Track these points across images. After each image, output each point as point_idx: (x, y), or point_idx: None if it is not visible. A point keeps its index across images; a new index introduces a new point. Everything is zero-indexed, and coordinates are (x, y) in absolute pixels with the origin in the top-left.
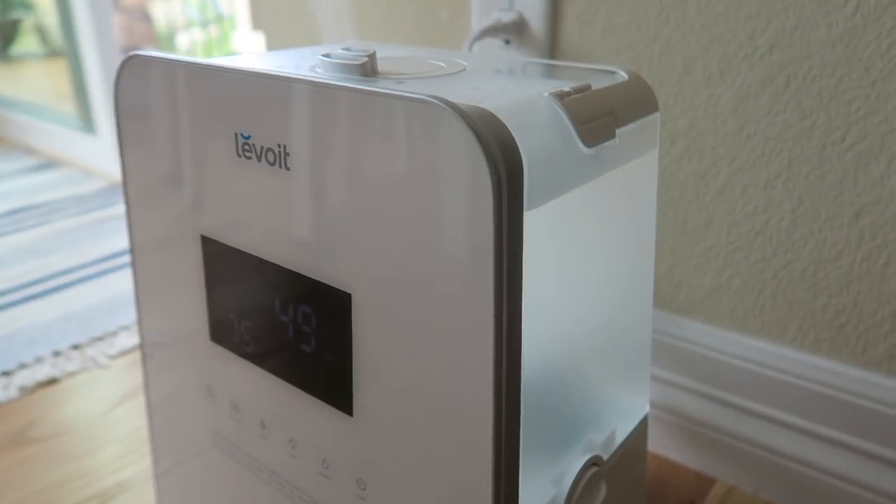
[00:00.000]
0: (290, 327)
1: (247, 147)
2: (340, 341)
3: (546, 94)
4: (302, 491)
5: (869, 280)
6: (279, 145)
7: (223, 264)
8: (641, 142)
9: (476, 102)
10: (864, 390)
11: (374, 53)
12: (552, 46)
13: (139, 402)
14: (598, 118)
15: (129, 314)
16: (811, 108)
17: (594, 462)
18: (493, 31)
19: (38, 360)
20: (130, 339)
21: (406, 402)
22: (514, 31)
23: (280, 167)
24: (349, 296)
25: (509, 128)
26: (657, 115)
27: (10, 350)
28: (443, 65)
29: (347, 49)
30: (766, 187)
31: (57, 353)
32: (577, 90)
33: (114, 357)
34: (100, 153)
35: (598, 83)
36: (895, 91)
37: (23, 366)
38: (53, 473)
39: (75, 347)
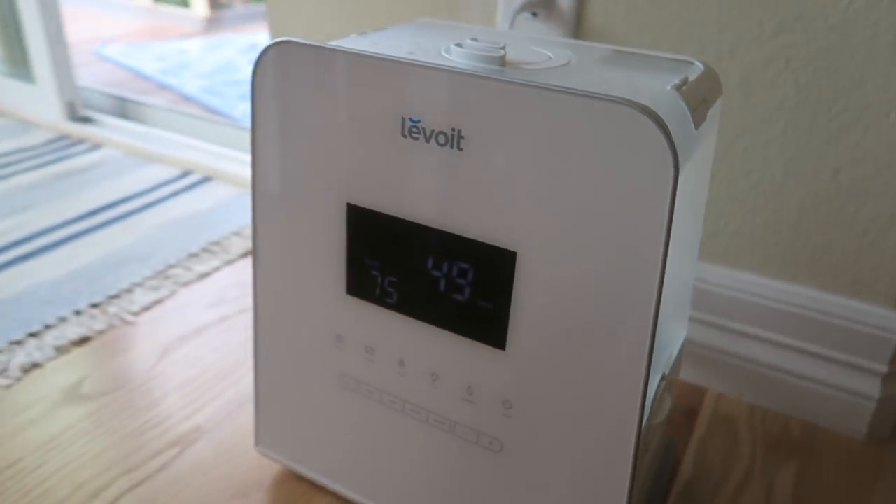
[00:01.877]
0: (444, 280)
1: (415, 129)
2: (500, 291)
3: (668, 87)
4: (440, 414)
5: (842, 224)
6: (453, 129)
7: (368, 228)
8: (715, 121)
9: (626, 95)
10: (833, 310)
11: (506, 46)
12: (577, 22)
13: (182, 354)
14: (700, 105)
15: (136, 270)
16: (806, 85)
17: (663, 377)
18: (528, 5)
19: (62, 320)
20: (146, 295)
21: (558, 339)
22: (543, 5)
23: (452, 148)
24: (514, 254)
25: (667, 122)
26: (721, 98)
27: (25, 311)
28: (549, 54)
29: (475, 39)
30: (763, 148)
31: (78, 313)
32: (684, 83)
33: (137, 314)
34: (39, 101)
35: (691, 74)
36: (873, 72)
37: (48, 326)
38: (126, 425)
39: (94, 306)
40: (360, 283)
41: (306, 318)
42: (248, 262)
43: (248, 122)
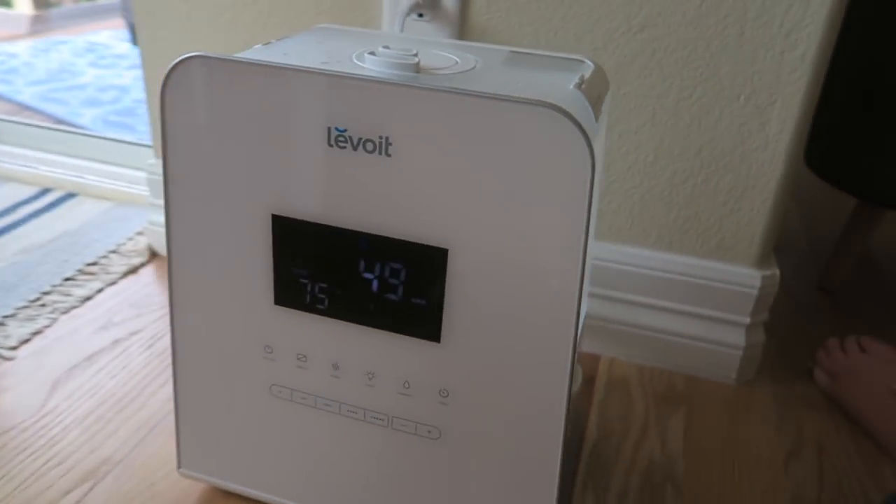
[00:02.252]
0: (376, 282)
1: (341, 139)
2: (433, 287)
3: (571, 86)
4: (377, 411)
5: (705, 196)
6: (381, 137)
7: (295, 237)
8: (606, 113)
9: (540, 97)
10: (703, 273)
11: (417, 53)
12: (461, 21)
13: (76, 385)
14: (597, 100)
15: (4, 302)
16: (670, 73)
17: (575, 351)
18: (415, 7)
19: None
20: (22, 327)
21: (491, 328)
22: (429, 6)
23: (381, 154)
24: (446, 251)
25: (578, 118)
26: (609, 93)
27: None
28: (455, 58)
29: (386, 47)
30: (635, 133)
31: None
32: (582, 81)
33: (15, 348)
34: None
35: (585, 72)
36: (725, 61)
37: None
38: (25, 468)
39: None
40: (289, 292)
41: (232, 332)
42: (134, 280)
43: (104, 131)
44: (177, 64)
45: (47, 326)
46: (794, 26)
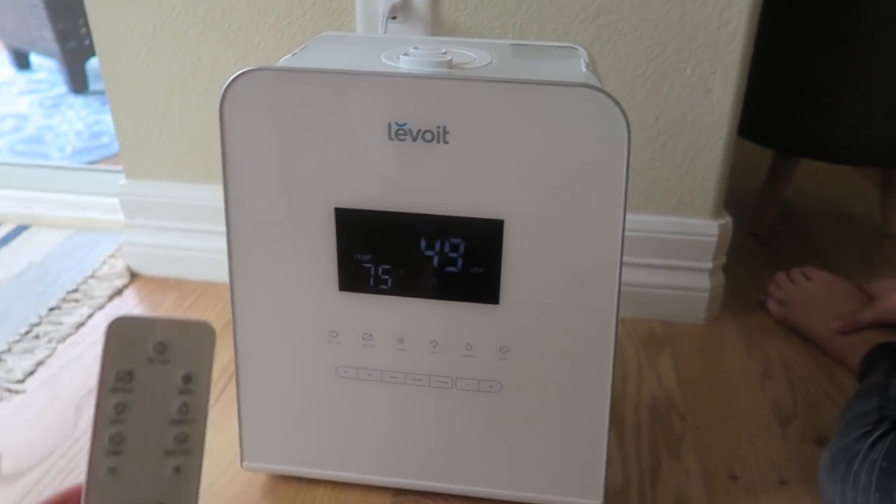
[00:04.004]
0: (437, 257)
1: (401, 132)
2: (491, 256)
3: (584, 69)
4: (442, 375)
5: (664, 159)
6: (438, 127)
7: (357, 226)
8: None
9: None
10: (668, 228)
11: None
12: (433, 20)
13: None
14: (599, 78)
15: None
16: (624, 54)
17: None
18: (391, 11)
19: None
20: (22, 360)
21: (544, 287)
22: (401, 9)
23: (439, 143)
24: (502, 221)
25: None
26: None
27: None
28: (472, 55)
29: (416, 48)
30: None
31: None
32: (588, 64)
33: (22, 381)
34: None
35: (584, 57)
36: (671, 39)
37: None
38: None
39: None
40: (353, 277)
41: (297, 321)
42: (120, 303)
43: (33, 159)
44: (237, 77)
45: (48, 356)
46: (726, 5)
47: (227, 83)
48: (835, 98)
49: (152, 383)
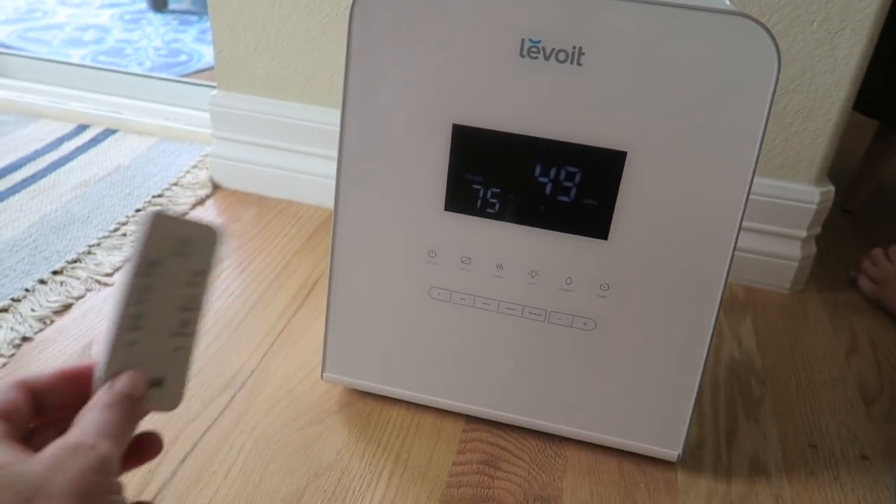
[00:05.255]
0: (550, 185)
1: (534, 49)
2: (607, 188)
3: (727, 2)
4: (536, 307)
5: (773, 119)
6: (574, 47)
7: (474, 145)
8: None
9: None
10: (765, 191)
11: None
12: None
13: None
14: None
15: (84, 233)
16: (749, 0)
17: None
18: None
19: (29, 291)
20: (111, 255)
21: (658, 227)
22: None
23: (572, 64)
24: (625, 153)
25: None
26: None
27: None
28: None
29: None
30: None
31: (43, 282)
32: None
33: (111, 275)
34: None
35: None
36: None
37: (15, 300)
38: None
39: (56, 273)
40: (460, 198)
41: (397, 238)
42: (202, 212)
43: (128, 68)
44: None
45: None
46: None
47: None
48: None
49: (171, 273)
